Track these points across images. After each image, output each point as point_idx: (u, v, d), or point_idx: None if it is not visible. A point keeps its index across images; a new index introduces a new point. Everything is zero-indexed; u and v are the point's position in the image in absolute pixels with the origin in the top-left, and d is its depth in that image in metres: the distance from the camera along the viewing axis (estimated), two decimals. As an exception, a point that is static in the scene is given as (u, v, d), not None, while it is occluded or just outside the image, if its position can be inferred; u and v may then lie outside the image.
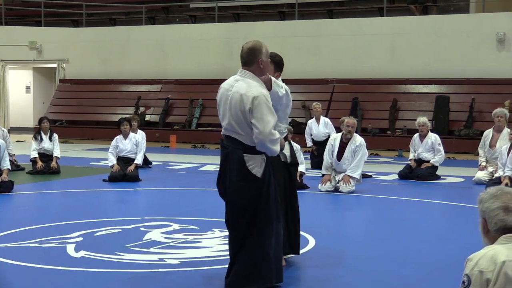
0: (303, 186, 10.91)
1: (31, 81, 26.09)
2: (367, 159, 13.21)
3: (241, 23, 22.66)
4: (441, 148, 12.46)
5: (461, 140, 17.70)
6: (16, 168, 13.22)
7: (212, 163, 14.60)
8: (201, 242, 7.04)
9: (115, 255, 6.43)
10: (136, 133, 12.94)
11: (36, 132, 13.29)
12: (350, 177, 10.74)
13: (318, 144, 13.92)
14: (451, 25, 19.26)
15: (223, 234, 7.21)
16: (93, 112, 23.00)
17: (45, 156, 13.03)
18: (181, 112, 21.65)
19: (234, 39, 21.45)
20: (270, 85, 5.53)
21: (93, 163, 14.96)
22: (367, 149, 12.94)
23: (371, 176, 12.71)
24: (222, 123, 5.37)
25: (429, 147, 12.47)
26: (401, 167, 12.86)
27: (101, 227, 7.77)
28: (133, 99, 22.15)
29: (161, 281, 5.68)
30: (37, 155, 12.96)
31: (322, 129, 14.14)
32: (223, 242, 6.86)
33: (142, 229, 7.67)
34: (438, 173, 12.47)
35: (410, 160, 12.65)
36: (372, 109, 19.40)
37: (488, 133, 12.21)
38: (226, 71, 20.88)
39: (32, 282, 5.67)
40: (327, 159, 10.96)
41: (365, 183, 11.79)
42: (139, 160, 12.33)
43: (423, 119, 12.62)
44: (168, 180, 12.42)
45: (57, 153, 13.07)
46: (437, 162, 12.40)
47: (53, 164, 12.93)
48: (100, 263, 6.17)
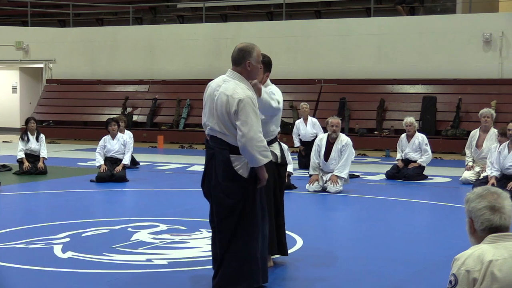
0: (290, 186, 10.92)
1: (18, 81, 25.95)
2: (354, 159, 13.24)
3: (228, 24, 22.65)
4: (428, 148, 12.50)
5: (448, 140, 17.77)
6: (2, 168, 13.18)
7: (199, 163, 14.57)
8: (188, 242, 7.03)
9: (102, 255, 6.41)
10: (124, 133, 12.90)
11: (23, 133, 13.22)
12: (337, 177, 10.76)
13: (305, 144, 13.93)
14: (438, 25, 19.33)
15: (210, 234, 7.18)
16: (80, 112, 22.92)
17: (32, 157, 12.97)
18: (169, 112, 21.61)
19: (222, 39, 21.46)
20: (259, 92, 5.55)
21: (80, 163, 14.91)
22: (354, 149, 12.97)
23: (358, 176, 12.74)
24: (205, 121, 5.33)
25: (416, 147, 12.51)
26: (388, 167, 12.89)
27: (88, 227, 7.75)
28: (121, 99, 22.09)
29: (148, 282, 5.67)
30: (23, 156, 12.89)
31: (309, 129, 14.16)
32: (210, 243, 6.84)
33: (130, 229, 7.66)
34: (425, 173, 12.51)
35: (398, 160, 12.69)
36: (360, 109, 19.44)
37: (474, 133, 12.26)
38: (213, 71, 20.85)
39: (19, 283, 5.64)
40: (314, 159, 10.97)
41: (353, 183, 11.81)
42: (126, 160, 12.30)
43: (410, 119, 12.66)
44: (156, 180, 12.40)
45: (44, 153, 13.02)
46: (424, 162, 12.44)
47: (40, 164, 12.87)
48: (87, 263, 6.15)
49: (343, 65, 20.11)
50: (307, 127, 14.18)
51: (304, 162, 13.56)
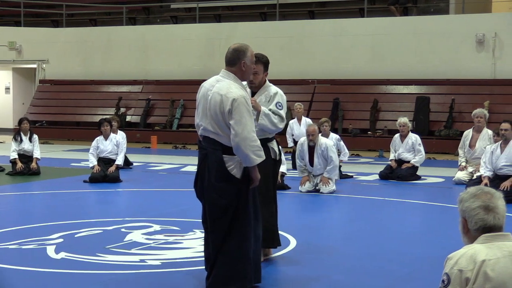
0: (284, 187, 10.92)
1: (11, 81, 25.88)
2: (348, 160, 13.28)
3: (222, 24, 22.65)
4: (422, 148, 12.52)
5: (441, 140, 17.81)
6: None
7: (193, 164, 14.55)
8: (182, 243, 7.02)
9: (95, 256, 6.40)
10: (117, 133, 12.88)
11: (16, 133, 13.19)
12: (328, 178, 10.73)
13: (299, 145, 13.92)
14: (431, 26, 19.37)
15: (203, 235, 7.18)
16: (73, 113, 22.88)
17: (25, 157, 12.94)
18: (162, 112, 21.59)
19: (216, 39, 21.45)
20: (258, 113, 5.80)
21: (73, 164, 14.88)
22: (348, 150, 13.03)
23: (352, 177, 12.75)
24: (198, 122, 5.34)
25: (409, 147, 12.53)
26: (381, 168, 12.90)
27: (81, 228, 7.73)
28: (114, 99, 22.06)
29: (142, 282, 5.66)
30: (16, 156, 12.86)
31: (303, 129, 14.10)
32: (203, 243, 6.84)
33: (123, 230, 7.64)
34: (418, 173, 12.53)
35: (391, 160, 12.70)
36: (353, 109, 19.46)
37: (467, 133, 12.28)
38: (207, 71, 20.85)
39: (12, 284, 5.62)
40: (298, 162, 10.94)
41: (346, 183, 11.83)
42: (120, 161, 12.28)
43: (404, 119, 12.68)
44: (149, 181, 12.38)
45: (37, 154, 12.98)
46: (417, 162, 12.46)
47: (33, 165, 12.84)
48: (80, 264, 6.14)
49: (336, 66, 20.13)
50: (301, 127, 14.17)
51: (297, 162, 13.55)
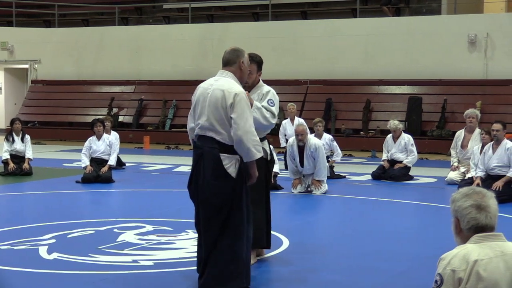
0: (276, 187, 10.91)
1: (3, 81, 25.78)
2: (341, 160, 13.28)
3: (215, 24, 22.64)
4: (414, 148, 12.54)
5: (433, 140, 17.85)
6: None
7: (186, 164, 14.56)
8: (174, 243, 7.02)
9: (88, 257, 6.38)
10: (110, 134, 12.86)
11: (8, 133, 13.14)
12: (318, 181, 10.70)
13: (292, 145, 13.92)
14: (424, 26, 19.41)
15: (197, 235, 7.18)
16: (66, 113, 22.82)
17: (17, 158, 12.89)
18: (155, 113, 21.57)
19: (208, 40, 21.45)
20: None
21: (66, 164, 14.85)
22: (341, 150, 13.04)
23: (344, 177, 12.76)
24: (194, 122, 5.36)
25: (402, 147, 12.55)
26: (374, 168, 12.92)
27: (74, 228, 7.71)
28: (107, 100, 22.02)
29: (134, 283, 5.65)
30: (8, 157, 12.81)
31: (296, 129, 14.15)
32: (196, 244, 6.84)
33: (116, 230, 7.63)
34: (411, 173, 12.55)
35: (383, 160, 12.71)
36: (346, 110, 19.49)
37: (460, 133, 12.31)
38: (200, 71, 20.94)
39: (11, 284, 5.60)
40: (290, 164, 10.89)
41: (338, 183, 11.84)
42: (112, 161, 12.26)
43: (394, 124, 12.59)
44: (142, 181, 12.36)
45: (29, 154, 12.94)
46: (410, 162, 12.48)
47: (25, 165, 12.80)
48: (73, 265, 6.13)
49: (329, 66, 20.15)
50: (293, 127, 14.17)
51: (290, 162, 13.55)
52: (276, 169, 10.72)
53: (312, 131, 12.39)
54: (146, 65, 22.48)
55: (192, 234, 7.31)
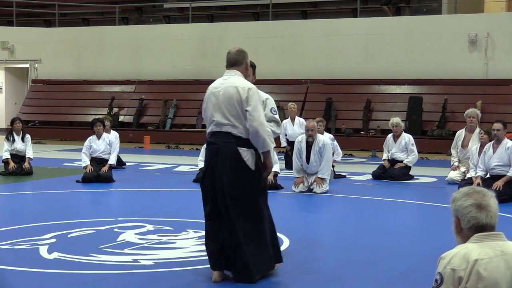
0: (277, 187, 10.92)
1: (3, 81, 25.79)
2: (341, 159, 13.28)
3: (215, 24, 22.64)
4: (415, 148, 12.54)
5: (434, 140, 17.84)
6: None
7: (186, 164, 14.57)
8: (175, 243, 7.02)
9: (88, 256, 6.38)
10: (109, 133, 12.87)
11: (8, 133, 13.15)
12: (321, 178, 10.72)
13: (292, 145, 13.91)
14: (424, 26, 19.40)
15: (197, 234, 7.20)
16: (66, 112, 22.82)
17: (18, 157, 12.90)
18: (155, 112, 21.56)
19: (208, 39, 21.44)
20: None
21: (66, 164, 14.85)
22: (341, 150, 13.04)
23: (344, 176, 12.75)
24: (208, 120, 5.57)
25: (402, 147, 12.55)
26: (374, 167, 12.91)
27: (74, 228, 7.71)
28: (107, 99, 22.02)
29: (135, 282, 5.65)
30: (9, 156, 12.82)
31: (297, 129, 14.16)
32: (197, 243, 6.86)
33: (116, 230, 7.63)
34: (411, 173, 12.55)
35: (384, 160, 12.71)
36: (346, 109, 19.48)
37: (460, 133, 12.32)
38: (200, 71, 20.96)
39: (11, 284, 5.60)
40: (296, 162, 10.91)
41: (339, 183, 11.84)
42: (112, 160, 12.26)
43: (396, 119, 12.67)
44: (142, 181, 12.36)
45: (29, 154, 12.95)
46: (410, 162, 12.47)
47: (26, 165, 12.80)
48: (73, 264, 6.13)
49: (329, 66, 20.14)
50: (294, 127, 14.19)
51: (290, 162, 13.52)
52: (277, 168, 10.73)
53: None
54: (146, 64, 22.47)
55: (192, 233, 7.32)
